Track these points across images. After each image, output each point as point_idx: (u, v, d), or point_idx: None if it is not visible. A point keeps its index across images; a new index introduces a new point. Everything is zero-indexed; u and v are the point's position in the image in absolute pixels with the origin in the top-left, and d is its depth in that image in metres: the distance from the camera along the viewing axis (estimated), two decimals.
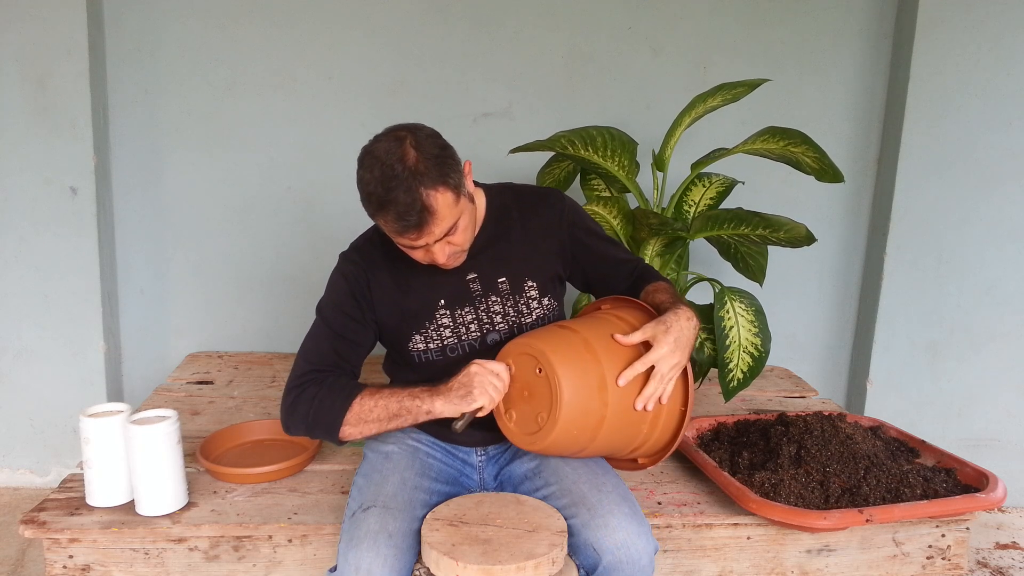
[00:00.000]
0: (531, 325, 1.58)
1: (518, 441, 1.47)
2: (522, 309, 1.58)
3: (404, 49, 2.58)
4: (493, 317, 1.57)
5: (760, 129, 2.10)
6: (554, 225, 1.61)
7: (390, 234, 1.40)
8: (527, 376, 1.44)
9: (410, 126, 1.40)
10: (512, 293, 1.57)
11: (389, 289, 1.54)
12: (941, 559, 1.74)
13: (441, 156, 1.36)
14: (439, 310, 1.55)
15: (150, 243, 2.65)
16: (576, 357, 1.40)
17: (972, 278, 2.67)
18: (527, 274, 1.58)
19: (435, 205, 1.33)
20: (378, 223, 1.40)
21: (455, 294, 1.55)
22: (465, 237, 1.45)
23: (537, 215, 1.61)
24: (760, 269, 2.16)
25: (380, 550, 1.30)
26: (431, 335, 1.55)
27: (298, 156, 2.62)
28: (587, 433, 1.42)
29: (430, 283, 1.54)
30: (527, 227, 1.60)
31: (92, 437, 1.55)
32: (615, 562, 1.34)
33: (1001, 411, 2.75)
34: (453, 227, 1.39)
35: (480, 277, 1.56)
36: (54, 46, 2.36)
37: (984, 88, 2.54)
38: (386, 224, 1.37)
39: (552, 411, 1.38)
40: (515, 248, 1.58)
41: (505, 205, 1.61)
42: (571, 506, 1.42)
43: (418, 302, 1.54)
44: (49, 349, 2.53)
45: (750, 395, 2.42)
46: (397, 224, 1.35)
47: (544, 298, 1.60)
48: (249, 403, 2.24)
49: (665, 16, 2.61)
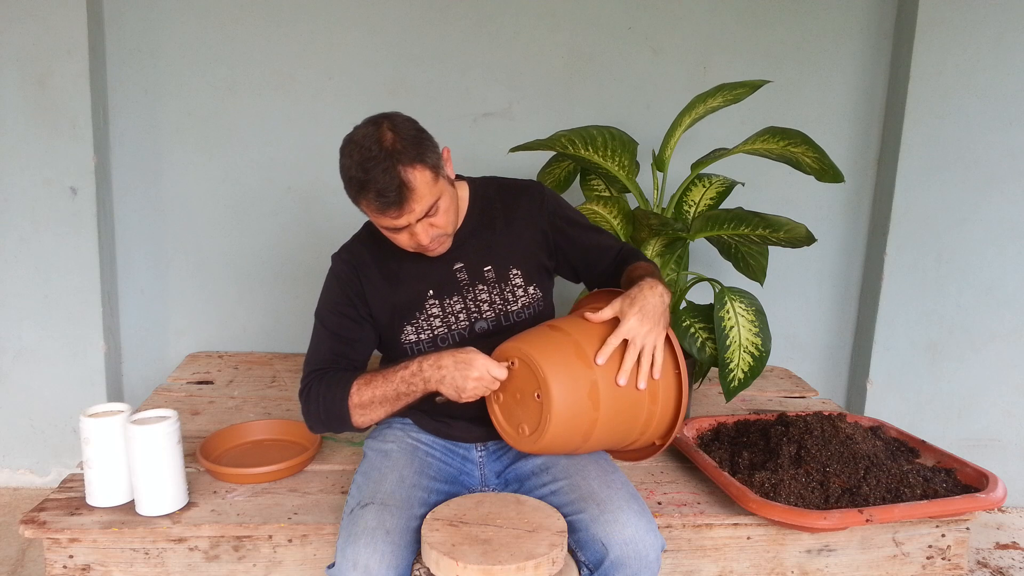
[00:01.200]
0: (517, 313, 1.60)
1: (510, 440, 1.49)
2: (508, 297, 1.60)
3: (404, 49, 2.58)
4: (480, 305, 1.59)
5: (760, 129, 2.10)
6: (535, 215, 1.64)
7: (373, 216, 1.43)
8: (519, 381, 1.44)
9: (387, 113, 1.44)
10: (498, 281, 1.60)
11: (379, 284, 1.57)
12: (941, 559, 1.74)
13: (418, 137, 1.41)
14: (428, 300, 1.57)
15: (150, 243, 2.65)
16: (568, 367, 1.40)
17: (972, 278, 2.67)
18: (512, 263, 1.61)
19: (413, 182, 1.37)
20: (361, 207, 1.43)
21: (443, 284, 1.58)
22: (447, 219, 1.47)
23: (519, 206, 1.64)
24: (761, 269, 2.16)
25: (378, 546, 1.31)
26: (422, 325, 1.57)
27: (298, 156, 2.62)
28: (579, 436, 1.43)
29: (418, 274, 1.57)
30: (510, 218, 1.63)
31: (92, 437, 1.55)
32: (623, 557, 1.35)
33: (1001, 411, 2.75)
34: (434, 207, 1.42)
35: (466, 266, 1.59)
36: (54, 46, 2.36)
37: (984, 88, 2.54)
38: (368, 206, 1.40)
39: (541, 424, 1.39)
40: (499, 237, 1.61)
41: (489, 196, 1.64)
42: (579, 500, 1.43)
43: (408, 294, 1.57)
44: (49, 349, 2.53)
45: (750, 395, 2.42)
46: (378, 202, 1.37)
47: (530, 287, 1.62)
48: (249, 403, 2.24)
49: (665, 16, 2.61)
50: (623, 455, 1.63)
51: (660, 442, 1.53)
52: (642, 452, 1.58)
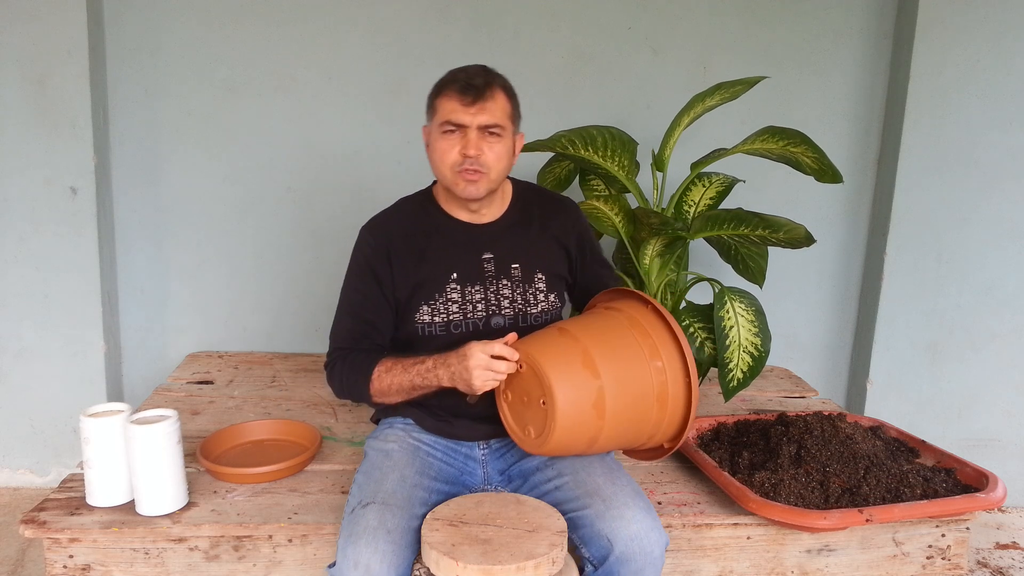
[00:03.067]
0: (535, 316, 1.62)
1: (517, 440, 1.50)
2: (529, 299, 1.62)
3: (404, 49, 2.58)
4: (501, 301, 1.61)
5: (759, 129, 2.10)
6: (568, 231, 1.69)
7: (446, 106, 1.50)
8: (527, 384, 1.45)
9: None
10: (523, 281, 1.62)
11: (405, 258, 1.59)
12: (941, 559, 1.74)
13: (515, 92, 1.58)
14: (450, 283, 1.59)
15: (150, 243, 2.65)
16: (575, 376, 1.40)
17: (972, 278, 2.67)
18: (539, 267, 1.64)
19: (497, 93, 1.50)
20: (437, 102, 1.52)
21: (468, 270, 1.60)
22: (497, 158, 1.52)
23: (555, 217, 1.68)
24: (760, 271, 2.16)
25: (378, 546, 1.31)
26: (438, 307, 1.59)
27: (298, 156, 2.62)
28: (584, 443, 1.44)
29: (444, 255, 1.60)
30: (546, 225, 1.67)
31: (92, 437, 1.55)
32: (628, 552, 1.35)
33: (1001, 411, 2.75)
34: (497, 130, 1.50)
35: (496, 259, 1.61)
36: (54, 46, 2.36)
37: (984, 88, 2.54)
38: (448, 94, 1.50)
39: (546, 430, 1.40)
40: (532, 240, 1.65)
41: (529, 199, 1.69)
42: (584, 496, 1.43)
43: (432, 272, 1.59)
44: (49, 349, 2.53)
45: (750, 395, 2.42)
46: (461, 88, 1.48)
47: (551, 294, 1.64)
48: (249, 403, 2.24)
49: (665, 16, 2.61)
50: (630, 453, 1.63)
51: (669, 445, 1.53)
52: (650, 453, 1.58)
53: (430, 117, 1.57)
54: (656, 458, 1.57)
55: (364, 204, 2.21)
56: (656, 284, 2.14)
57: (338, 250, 1.61)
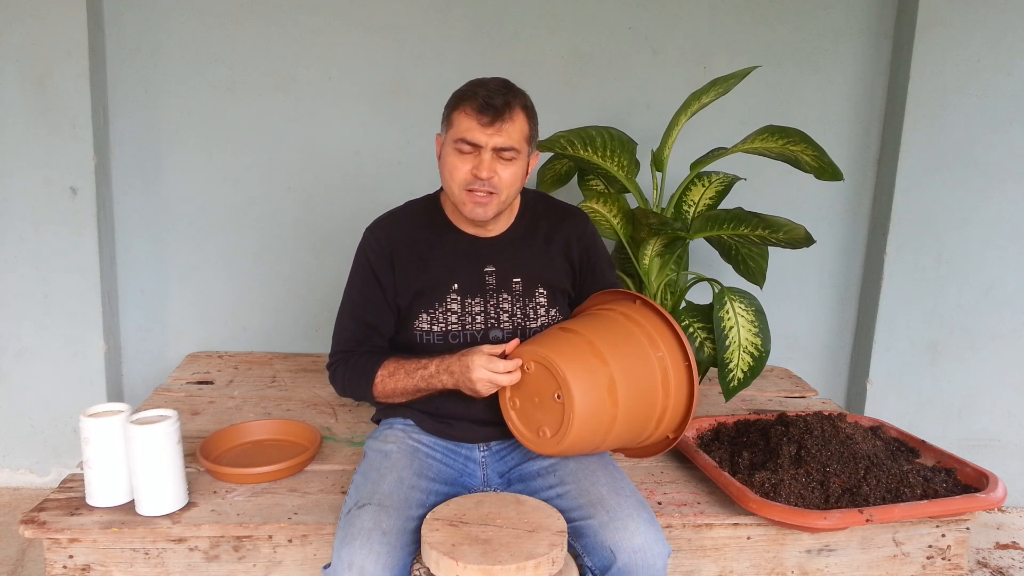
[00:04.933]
0: (535, 331, 1.61)
1: (530, 444, 1.49)
2: (529, 313, 1.61)
3: (404, 49, 2.58)
4: (500, 314, 1.60)
5: (759, 128, 2.10)
6: (572, 242, 1.67)
7: (462, 124, 1.47)
8: (537, 385, 1.45)
9: None
10: (523, 295, 1.61)
11: (407, 264, 1.59)
12: (941, 559, 1.74)
13: (535, 109, 1.55)
14: (451, 293, 1.59)
15: (150, 243, 2.64)
16: (585, 364, 1.41)
17: (972, 278, 2.67)
18: (541, 281, 1.63)
19: (516, 113, 1.47)
20: (455, 116, 1.49)
21: (470, 282, 1.59)
22: (509, 182, 1.50)
23: (561, 230, 1.67)
24: (760, 272, 2.16)
25: (373, 547, 1.31)
26: (437, 316, 1.58)
27: (298, 156, 2.62)
28: (600, 433, 1.44)
29: (447, 265, 1.59)
30: (551, 239, 1.66)
31: (92, 437, 1.55)
32: (631, 564, 1.35)
33: (1001, 411, 2.75)
34: (511, 154, 1.48)
35: (497, 272, 1.60)
36: (54, 46, 2.36)
37: (984, 88, 2.54)
38: (466, 111, 1.46)
39: (564, 424, 1.40)
40: (536, 255, 1.63)
41: (538, 212, 1.68)
42: (588, 506, 1.43)
43: (432, 281, 1.59)
44: (49, 349, 2.53)
45: (750, 395, 2.42)
46: (479, 107, 1.44)
47: (552, 308, 1.64)
48: (249, 403, 2.24)
49: (665, 16, 2.61)
50: (637, 452, 1.63)
51: (673, 435, 1.53)
52: (656, 447, 1.58)
53: (445, 129, 1.54)
54: (660, 451, 1.57)
55: (364, 204, 2.22)
56: (656, 284, 2.14)
57: (338, 250, 1.62)
